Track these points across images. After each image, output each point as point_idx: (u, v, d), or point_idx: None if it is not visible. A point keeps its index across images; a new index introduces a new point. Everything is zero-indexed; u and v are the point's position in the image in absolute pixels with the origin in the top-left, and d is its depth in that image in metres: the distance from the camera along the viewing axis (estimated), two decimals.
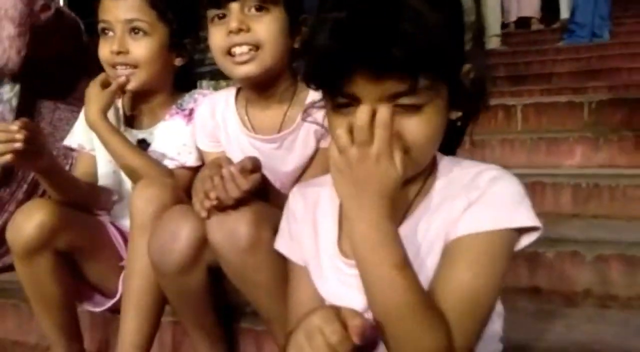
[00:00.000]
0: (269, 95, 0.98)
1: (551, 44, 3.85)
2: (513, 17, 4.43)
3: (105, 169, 1.11)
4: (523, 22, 4.47)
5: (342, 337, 0.49)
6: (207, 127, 1.03)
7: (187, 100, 1.11)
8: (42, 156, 0.93)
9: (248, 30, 0.90)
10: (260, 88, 0.97)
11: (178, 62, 1.07)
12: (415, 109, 0.57)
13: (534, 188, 1.44)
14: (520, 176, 0.63)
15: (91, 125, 1.04)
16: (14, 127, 0.87)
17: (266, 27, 0.91)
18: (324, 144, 0.97)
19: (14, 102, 1.43)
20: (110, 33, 1.03)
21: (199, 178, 0.81)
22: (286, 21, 0.93)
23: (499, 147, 1.87)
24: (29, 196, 1.44)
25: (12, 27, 1.32)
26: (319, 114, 0.69)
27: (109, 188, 1.12)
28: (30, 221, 0.93)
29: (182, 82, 1.14)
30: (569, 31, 3.85)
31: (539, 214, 0.60)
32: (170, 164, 1.05)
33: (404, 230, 0.62)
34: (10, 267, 1.44)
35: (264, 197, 0.86)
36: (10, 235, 0.94)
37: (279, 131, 0.98)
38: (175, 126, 1.07)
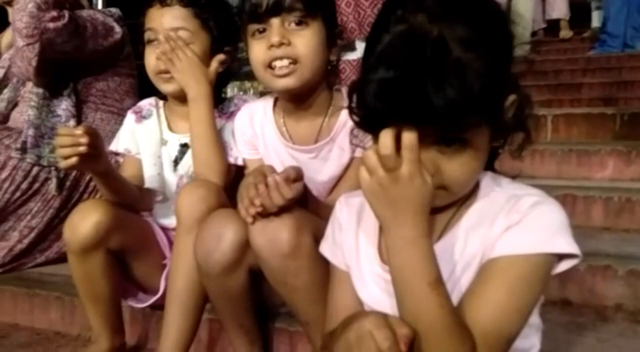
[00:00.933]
0: (306, 106, 1.02)
1: (581, 53, 3.80)
2: (542, 24, 4.39)
3: (150, 171, 1.16)
4: (552, 27, 4.43)
5: (393, 344, 0.52)
6: (246, 135, 1.07)
7: (228, 105, 1.16)
8: (100, 159, 0.98)
9: (289, 44, 0.93)
10: (298, 99, 1.01)
11: (218, 69, 1.11)
12: (457, 146, 0.59)
13: (565, 200, 1.44)
14: (550, 188, 0.64)
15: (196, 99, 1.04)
16: (79, 131, 0.92)
17: (306, 42, 0.94)
18: (358, 153, 1.00)
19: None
20: (156, 41, 1.08)
21: (244, 185, 0.84)
22: (324, 34, 0.97)
23: (528, 157, 1.87)
24: (70, 191, 1.51)
25: (20, 40, 1.38)
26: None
27: (154, 189, 1.16)
28: (86, 220, 0.97)
29: (219, 87, 1.18)
30: (600, 41, 3.80)
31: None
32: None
33: (441, 247, 0.64)
34: (52, 261, 1.52)
35: (303, 204, 0.89)
36: (67, 233, 0.99)
37: (316, 141, 1.02)
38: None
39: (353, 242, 0.73)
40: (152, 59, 1.08)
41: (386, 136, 0.55)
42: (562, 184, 1.62)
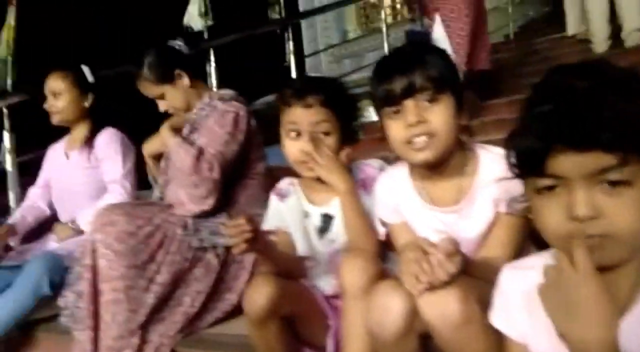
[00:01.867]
0: (442, 169, 1.09)
1: None
2: None
3: (300, 242, 1.30)
4: None
5: None
6: (389, 203, 1.16)
7: (356, 172, 1.27)
8: (262, 240, 1.13)
9: (424, 121, 1.01)
10: (435, 165, 1.08)
11: (348, 149, 1.25)
12: (623, 186, 0.59)
13: None
14: None
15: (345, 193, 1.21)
16: (242, 221, 1.08)
17: (439, 117, 1.02)
18: (502, 208, 1.04)
19: None
20: (297, 134, 1.23)
21: (405, 260, 0.92)
22: (454, 104, 1.04)
23: None
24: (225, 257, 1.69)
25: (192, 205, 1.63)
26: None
27: (306, 257, 1.30)
28: (260, 294, 1.12)
29: None
30: None
31: None
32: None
33: (629, 323, 0.64)
34: (218, 321, 1.71)
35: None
36: (246, 306, 1.14)
37: (457, 202, 1.08)
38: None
39: (526, 315, 0.76)
40: (294, 150, 1.23)
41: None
42: None
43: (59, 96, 2.04)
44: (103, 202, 1.84)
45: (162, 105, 1.78)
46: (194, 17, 2.95)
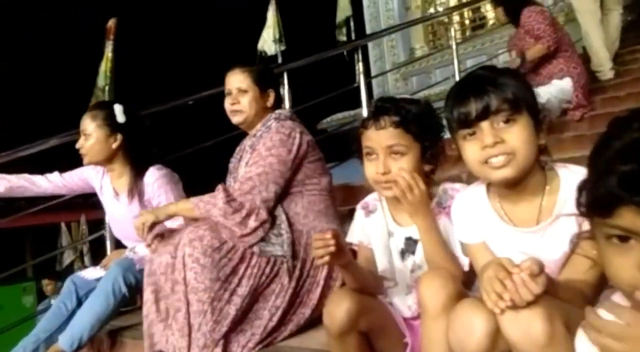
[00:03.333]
0: (521, 188, 1.07)
1: None
2: None
3: (381, 260, 1.32)
4: None
5: None
6: (465, 223, 1.16)
7: (444, 198, 1.27)
8: (344, 255, 1.17)
9: (501, 142, 1.02)
10: (513, 184, 1.07)
11: (428, 168, 1.27)
12: None
13: None
14: None
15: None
16: (328, 236, 1.14)
17: (516, 137, 1.02)
18: (585, 226, 1.01)
19: None
20: (374, 156, 1.25)
21: (487, 278, 0.92)
22: (531, 124, 1.04)
23: None
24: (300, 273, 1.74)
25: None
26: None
27: (386, 276, 1.32)
28: (340, 309, 1.16)
29: None
30: None
31: None
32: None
33: None
34: (293, 333, 1.76)
35: None
36: (326, 320, 1.19)
37: (537, 222, 1.06)
38: (441, 226, 1.23)
39: None
40: (371, 171, 1.26)
41: None
42: None
43: (88, 137, 2.01)
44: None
45: (240, 107, 1.85)
46: (267, 43, 3.10)
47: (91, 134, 2.01)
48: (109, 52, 2.56)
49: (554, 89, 2.93)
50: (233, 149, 2.01)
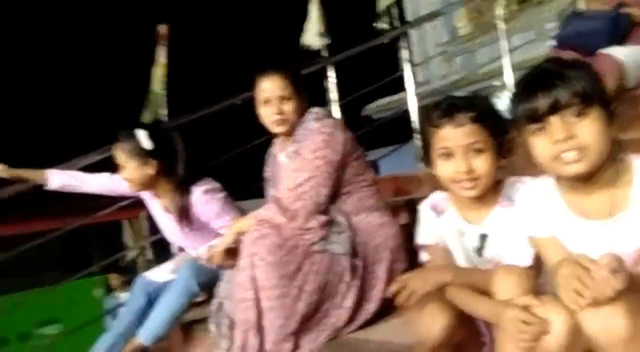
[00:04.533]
0: (594, 181, 1.05)
1: None
2: None
3: (459, 259, 1.33)
4: None
5: None
6: (534, 216, 1.14)
7: (511, 190, 1.25)
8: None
9: (573, 137, 1.00)
10: (586, 177, 1.05)
11: (501, 162, 1.25)
12: None
13: None
14: None
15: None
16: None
17: (589, 131, 1.00)
18: None
19: None
20: (451, 155, 1.23)
21: (564, 276, 0.92)
22: (604, 116, 1.01)
23: None
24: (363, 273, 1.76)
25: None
26: None
27: None
28: (437, 323, 1.15)
29: None
30: None
31: None
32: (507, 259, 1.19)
33: None
34: (359, 327, 1.79)
35: None
36: (422, 332, 1.18)
37: (611, 215, 1.04)
38: (510, 218, 1.22)
39: None
40: (448, 171, 1.24)
41: None
42: None
43: (123, 168, 2.04)
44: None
45: (285, 116, 1.83)
46: (312, 37, 3.11)
47: (125, 165, 2.03)
48: (162, 58, 2.65)
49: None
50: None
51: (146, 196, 2.23)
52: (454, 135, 1.21)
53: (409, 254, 1.83)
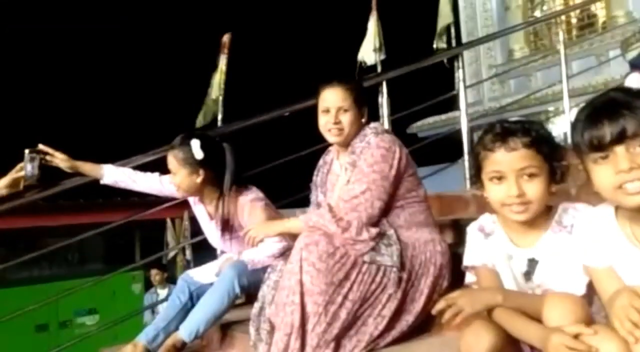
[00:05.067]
0: None
1: None
2: None
3: (507, 282, 1.30)
4: None
5: None
6: (592, 245, 1.13)
7: (564, 216, 1.25)
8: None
9: (638, 167, 0.98)
10: None
11: (553, 188, 1.24)
12: None
13: None
14: None
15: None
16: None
17: None
18: None
19: None
20: (504, 180, 1.23)
21: (621, 307, 0.90)
22: None
23: None
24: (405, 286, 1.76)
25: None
26: None
27: None
28: (481, 342, 1.12)
29: None
30: None
31: None
32: (556, 284, 1.17)
33: None
34: (395, 340, 1.79)
35: None
36: (465, 350, 1.16)
37: None
38: (561, 243, 1.21)
39: None
40: (500, 195, 1.24)
41: None
42: None
43: (174, 175, 2.15)
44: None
45: (341, 126, 1.88)
46: (368, 52, 3.15)
47: (176, 172, 2.14)
48: (222, 65, 2.75)
49: None
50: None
51: (192, 201, 2.31)
52: (507, 159, 1.21)
53: (452, 274, 1.83)
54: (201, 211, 2.29)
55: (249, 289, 2.16)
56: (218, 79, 2.75)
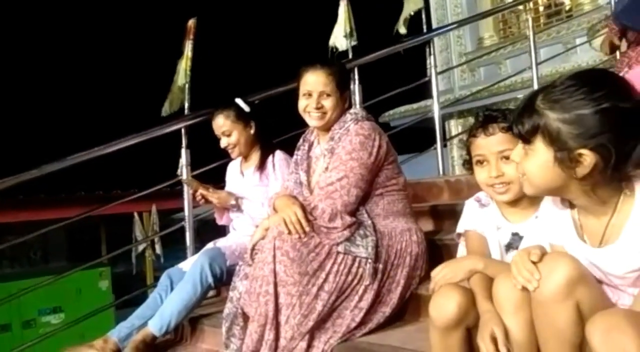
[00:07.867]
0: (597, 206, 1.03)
1: None
2: None
3: (493, 251, 1.37)
4: None
5: None
6: (549, 225, 1.14)
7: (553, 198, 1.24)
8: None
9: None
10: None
11: None
12: None
13: None
14: None
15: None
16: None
17: None
18: None
19: None
20: (485, 163, 1.34)
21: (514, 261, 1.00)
22: None
23: None
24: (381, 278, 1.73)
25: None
26: None
27: None
28: (450, 301, 1.15)
29: None
30: None
31: None
32: None
33: None
34: (372, 331, 1.76)
35: None
36: (433, 312, 1.17)
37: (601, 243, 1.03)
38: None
39: None
40: (484, 176, 1.35)
41: None
42: None
43: (229, 134, 2.29)
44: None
45: (324, 103, 1.83)
46: (339, 38, 3.09)
47: (231, 130, 2.29)
48: (188, 51, 2.65)
49: None
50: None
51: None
52: (487, 144, 1.32)
53: (428, 263, 1.81)
54: (234, 168, 2.45)
55: (221, 279, 2.10)
56: (184, 66, 2.64)
